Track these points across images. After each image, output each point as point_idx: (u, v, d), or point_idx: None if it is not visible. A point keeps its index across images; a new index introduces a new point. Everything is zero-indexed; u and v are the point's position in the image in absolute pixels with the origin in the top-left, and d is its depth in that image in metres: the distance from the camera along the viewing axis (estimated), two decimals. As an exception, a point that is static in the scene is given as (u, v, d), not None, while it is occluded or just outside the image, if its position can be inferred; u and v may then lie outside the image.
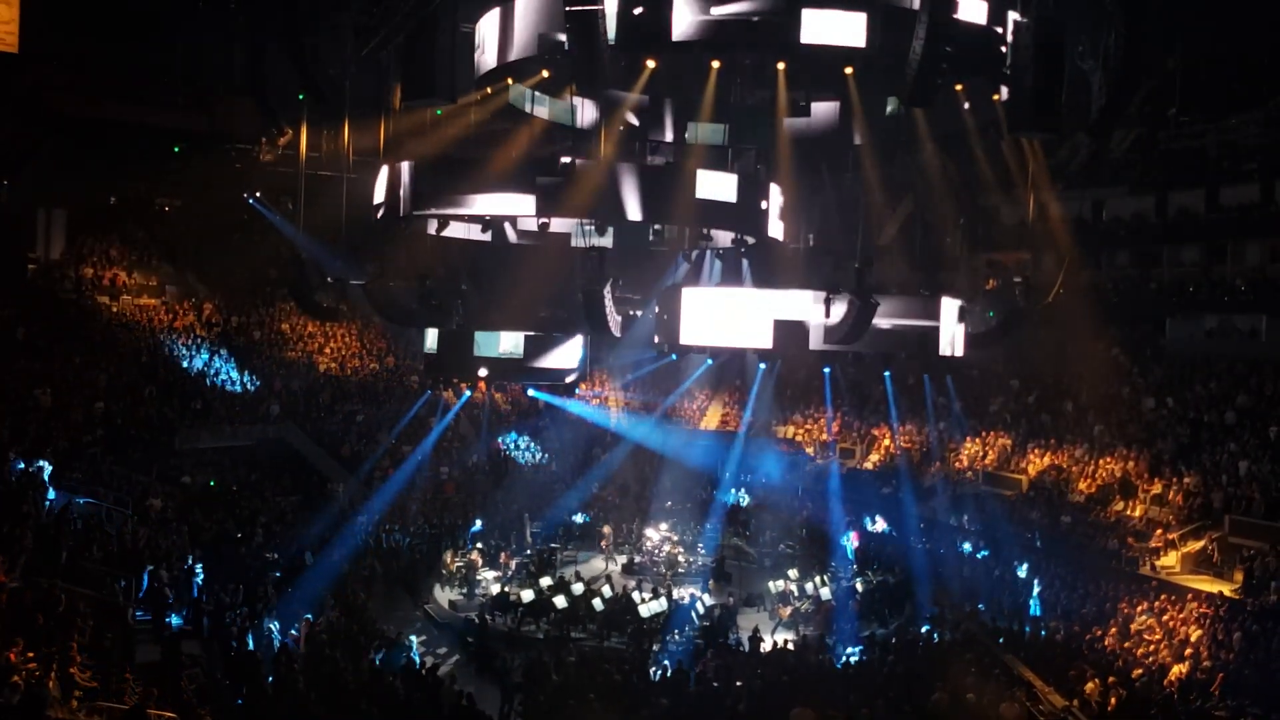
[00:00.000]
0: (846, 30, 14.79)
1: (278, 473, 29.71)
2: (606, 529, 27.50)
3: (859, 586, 24.22)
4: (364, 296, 22.54)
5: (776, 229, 20.40)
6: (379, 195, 19.93)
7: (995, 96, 18.64)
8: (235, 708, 14.86)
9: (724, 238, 21.78)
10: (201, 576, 20.69)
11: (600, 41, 13.79)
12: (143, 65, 34.21)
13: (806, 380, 34.79)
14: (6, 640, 12.42)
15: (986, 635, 20.80)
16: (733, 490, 31.50)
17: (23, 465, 21.25)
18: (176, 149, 36.37)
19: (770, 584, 24.28)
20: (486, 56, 17.93)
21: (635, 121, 21.32)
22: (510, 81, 20.06)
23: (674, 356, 25.81)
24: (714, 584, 24.54)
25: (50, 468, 21.81)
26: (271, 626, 18.41)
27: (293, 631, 18.56)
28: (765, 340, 18.85)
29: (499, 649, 19.96)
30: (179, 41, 33.11)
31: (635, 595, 22.25)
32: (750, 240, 21.21)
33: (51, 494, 20.50)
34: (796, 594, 23.55)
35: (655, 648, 20.08)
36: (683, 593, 22.89)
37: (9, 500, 18.94)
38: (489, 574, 24.68)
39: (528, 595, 22.31)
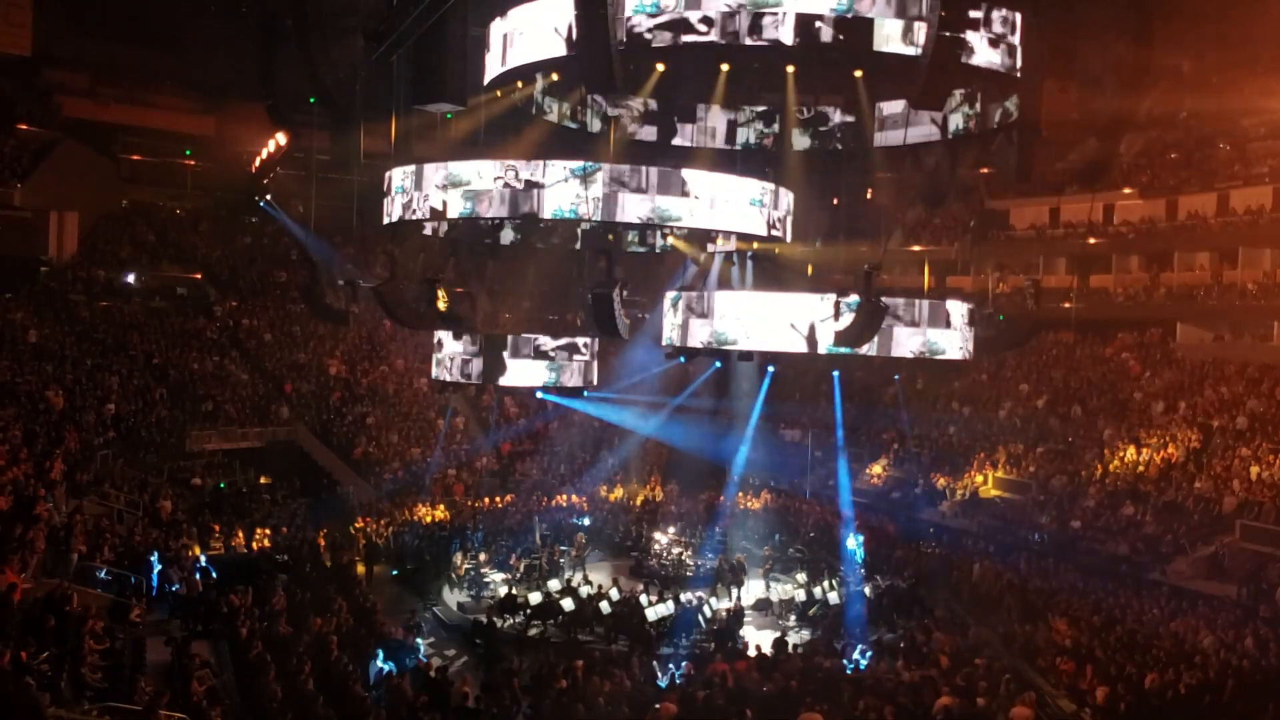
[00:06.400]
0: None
1: (288, 475, 29.80)
2: (580, 537, 27.37)
3: (868, 591, 24.16)
4: (374, 299, 22.56)
5: (786, 232, 20.35)
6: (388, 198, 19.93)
7: (1004, 99, 18.59)
8: (244, 709, 14.91)
9: (731, 240, 21.71)
10: (211, 578, 20.79)
11: (610, 43, 13.76)
12: (154, 69, 34.38)
13: (814, 383, 34.77)
14: (18, 641, 12.48)
15: (996, 639, 20.75)
16: (740, 494, 31.51)
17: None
18: (188, 152, 36.60)
19: (777, 587, 24.29)
20: (496, 59, 17.95)
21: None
22: (520, 84, 20.07)
23: (682, 359, 25.76)
24: (721, 587, 24.51)
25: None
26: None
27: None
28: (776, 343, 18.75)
29: (507, 651, 19.97)
30: (190, 45, 33.26)
31: (642, 598, 22.24)
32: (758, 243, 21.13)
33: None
34: (804, 598, 23.52)
35: (663, 651, 20.06)
36: (690, 596, 22.87)
37: (22, 502, 19.04)
38: (497, 576, 24.72)
39: (535, 597, 22.34)
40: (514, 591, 22.99)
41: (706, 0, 13.42)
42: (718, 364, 32.11)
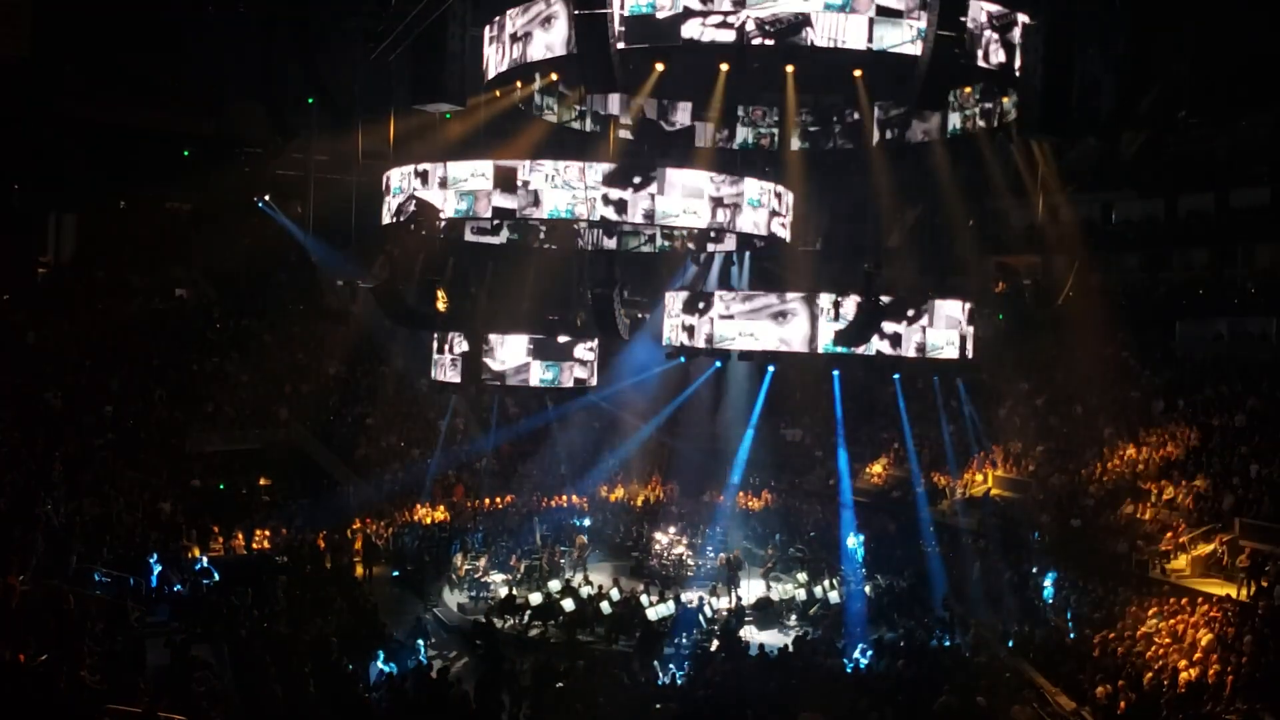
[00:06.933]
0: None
1: (288, 476, 29.77)
2: (581, 539, 27.39)
3: (869, 590, 24.18)
4: (373, 299, 22.56)
5: (786, 232, 20.35)
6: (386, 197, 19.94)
7: (1004, 99, 18.59)
8: (245, 710, 14.89)
9: (731, 240, 21.71)
10: (212, 579, 20.78)
11: (609, 45, 13.75)
12: (153, 69, 34.33)
13: (814, 384, 34.74)
14: (18, 642, 12.47)
15: (996, 639, 20.74)
16: (740, 494, 31.51)
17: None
18: (186, 153, 36.53)
19: (778, 587, 24.28)
20: (496, 59, 17.96)
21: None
22: (519, 84, 20.08)
23: (682, 359, 25.75)
24: (722, 587, 24.52)
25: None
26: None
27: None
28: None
29: (507, 652, 19.97)
30: (189, 45, 33.23)
31: (643, 598, 22.25)
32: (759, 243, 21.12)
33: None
34: (805, 597, 23.54)
35: (664, 651, 20.05)
36: (691, 596, 22.88)
37: (21, 503, 19.04)
38: (498, 577, 24.71)
39: (535, 598, 22.35)
40: (514, 592, 23.00)
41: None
42: (718, 364, 32.10)
